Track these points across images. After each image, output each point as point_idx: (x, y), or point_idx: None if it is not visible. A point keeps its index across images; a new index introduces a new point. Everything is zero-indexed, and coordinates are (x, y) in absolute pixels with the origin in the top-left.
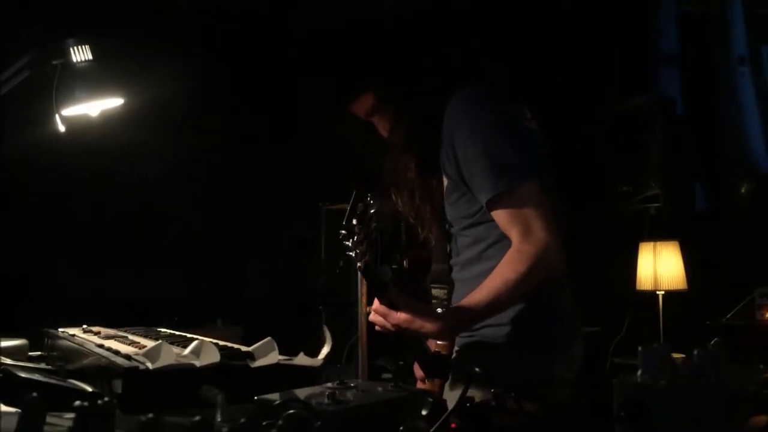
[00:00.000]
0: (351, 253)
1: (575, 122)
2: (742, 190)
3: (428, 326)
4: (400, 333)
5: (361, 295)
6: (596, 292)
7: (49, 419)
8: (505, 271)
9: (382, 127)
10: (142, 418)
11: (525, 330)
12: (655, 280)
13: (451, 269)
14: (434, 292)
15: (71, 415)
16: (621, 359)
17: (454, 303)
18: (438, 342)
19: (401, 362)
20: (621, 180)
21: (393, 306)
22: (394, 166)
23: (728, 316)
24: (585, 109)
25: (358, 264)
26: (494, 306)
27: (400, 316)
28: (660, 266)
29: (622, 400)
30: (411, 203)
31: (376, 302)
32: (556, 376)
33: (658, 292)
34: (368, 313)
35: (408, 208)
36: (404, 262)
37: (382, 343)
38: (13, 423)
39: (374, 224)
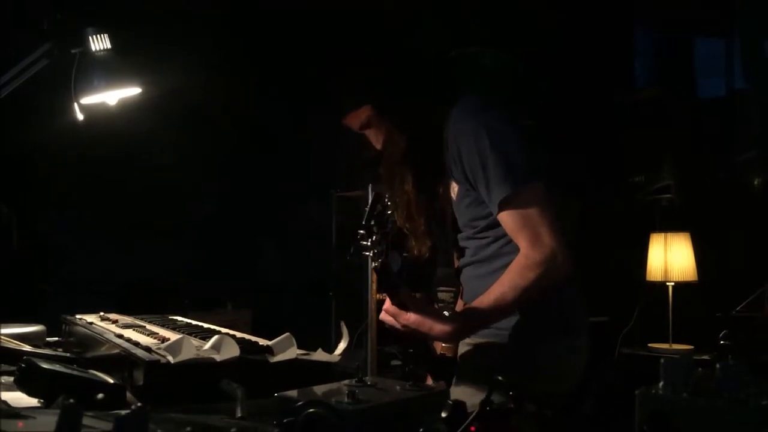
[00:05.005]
0: (368, 253)
1: (589, 112)
2: (755, 183)
3: (437, 329)
4: (408, 334)
5: (371, 282)
6: (606, 282)
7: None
8: (513, 277)
9: (375, 140)
10: None
11: (532, 322)
12: (666, 271)
13: (458, 272)
14: (441, 295)
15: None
16: (629, 349)
17: (466, 300)
18: (443, 344)
19: (410, 349)
20: (633, 170)
21: (403, 307)
22: (390, 178)
23: (738, 309)
24: (599, 98)
25: (374, 264)
26: (502, 311)
27: (410, 317)
28: (671, 257)
29: (644, 413)
30: (406, 215)
31: (387, 302)
32: (562, 366)
33: (668, 284)
34: (378, 300)
35: (402, 221)
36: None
37: (392, 329)
38: (36, 415)
39: (390, 226)
